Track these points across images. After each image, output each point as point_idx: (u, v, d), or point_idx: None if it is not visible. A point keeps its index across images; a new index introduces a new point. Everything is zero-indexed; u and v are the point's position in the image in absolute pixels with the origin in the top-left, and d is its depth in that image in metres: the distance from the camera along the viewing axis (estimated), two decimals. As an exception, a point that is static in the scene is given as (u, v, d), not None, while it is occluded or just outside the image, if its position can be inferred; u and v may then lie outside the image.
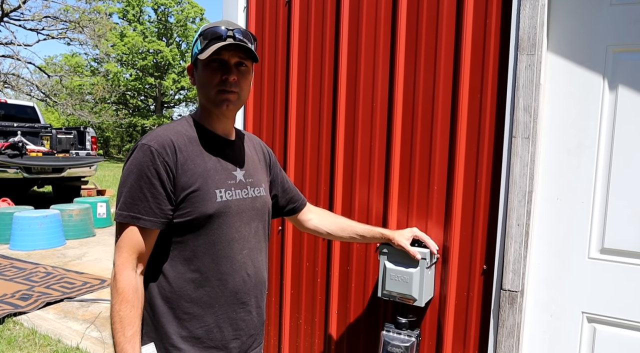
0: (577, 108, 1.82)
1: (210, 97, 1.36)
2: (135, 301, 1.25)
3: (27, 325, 3.93)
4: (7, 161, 8.77)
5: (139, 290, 1.27)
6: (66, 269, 5.62)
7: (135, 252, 1.26)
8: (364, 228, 1.85)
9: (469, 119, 1.92)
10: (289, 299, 2.45)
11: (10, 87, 18.66)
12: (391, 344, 1.96)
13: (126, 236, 1.25)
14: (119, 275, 1.24)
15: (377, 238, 1.86)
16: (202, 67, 1.35)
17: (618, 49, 1.74)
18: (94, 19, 19.40)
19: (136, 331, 1.24)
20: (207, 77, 1.35)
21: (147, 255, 1.30)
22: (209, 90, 1.35)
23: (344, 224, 1.83)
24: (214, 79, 1.34)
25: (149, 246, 1.29)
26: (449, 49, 1.95)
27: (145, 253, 1.28)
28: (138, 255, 1.27)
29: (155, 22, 32.78)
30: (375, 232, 1.85)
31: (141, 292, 1.28)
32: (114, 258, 1.27)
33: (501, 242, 1.87)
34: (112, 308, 1.24)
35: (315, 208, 1.87)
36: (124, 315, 1.22)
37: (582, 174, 1.82)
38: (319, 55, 2.28)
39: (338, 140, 2.23)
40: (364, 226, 1.86)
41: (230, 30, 1.33)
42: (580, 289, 1.84)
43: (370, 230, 1.84)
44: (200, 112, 1.43)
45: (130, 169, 1.27)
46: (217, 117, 1.41)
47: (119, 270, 1.24)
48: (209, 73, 1.34)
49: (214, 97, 1.35)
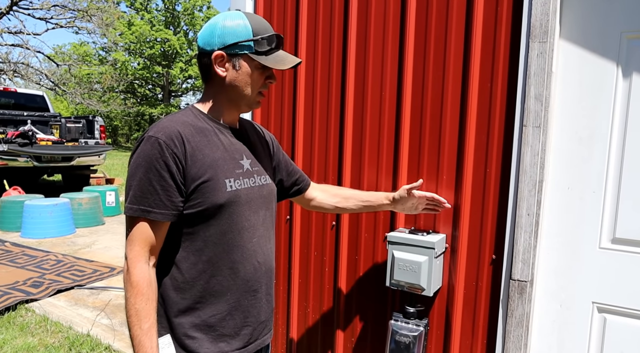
0: (590, 96, 1.79)
1: (250, 97, 1.38)
2: (150, 294, 1.25)
3: (39, 312, 3.99)
4: (18, 150, 8.84)
5: (153, 282, 1.27)
6: (76, 257, 5.69)
7: (147, 245, 1.26)
8: (368, 193, 1.84)
9: (479, 107, 1.89)
10: (297, 288, 2.45)
11: (20, 76, 18.73)
12: (399, 333, 1.97)
13: (137, 230, 1.25)
14: (132, 269, 1.24)
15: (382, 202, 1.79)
16: (255, 68, 1.35)
17: (632, 36, 1.71)
18: (101, 8, 19.38)
19: (152, 323, 1.25)
20: (257, 79, 1.36)
21: (159, 247, 1.30)
22: (251, 91, 1.37)
23: (347, 194, 1.82)
24: (260, 81, 1.37)
25: (160, 238, 1.29)
26: (459, 36, 1.92)
27: (156, 245, 1.28)
28: (150, 247, 1.27)
29: (163, 10, 32.70)
30: (379, 196, 1.80)
31: (155, 284, 1.28)
32: (126, 251, 1.27)
33: (511, 231, 1.85)
34: (127, 301, 1.24)
35: (319, 186, 1.86)
36: (140, 308, 1.23)
37: (594, 163, 1.80)
38: (327, 41, 2.26)
39: (346, 128, 2.22)
40: (367, 192, 1.85)
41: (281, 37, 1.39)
42: (590, 279, 1.83)
43: (373, 195, 1.82)
44: (213, 104, 1.40)
45: (138, 161, 1.26)
46: (234, 112, 1.43)
47: (132, 264, 1.24)
48: (259, 76, 1.36)
49: (254, 98, 1.39)
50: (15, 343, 3.43)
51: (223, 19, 1.33)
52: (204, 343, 1.33)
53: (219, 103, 1.40)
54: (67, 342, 3.45)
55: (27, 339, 3.49)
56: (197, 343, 1.33)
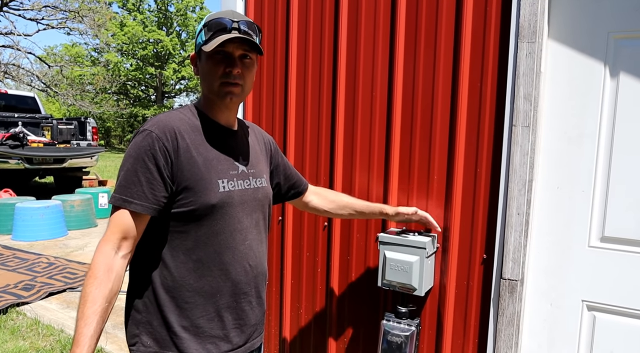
0: (578, 96, 1.80)
1: (214, 89, 1.35)
2: (104, 280, 1.20)
3: (30, 315, 3.96)
4: (8, 152, 8.78)
5: (114, 271, 1.22)
6: (68, 260, 5.65)
7: (119, 233, 1.24)
8: (364, 204, 1.86)
9: (469, 107, 1.90)
10: (290, 289, 2.45)
11: (10, 78, 18.59)
12: (391, 333, 1.97)
13: (115, 217, 1.25)
14: (96, 252, 1.23)
15: (376, 214, 1.87)
16: (206, 58, 1.34)
17: (620, 36, 1.72)
18: (93, 9, 19.28)
19: (95, 310, 1.18)
20: (211, 69, 1.34)
21: (136, 240, 1.28)
22: (212, 82, 1.35)
23: (343, 202, 1.84)
24: (217, 71, 1.33)
25: (139, 230, 1.28)
26: (448, 37, 1.93)
27: (134, 237, 1.27)
28: (123, 236, 1.25)
29: (155, 11, 32.57)
30: (374, 207, 1.86)
31: (117, 274, 1.23)
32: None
33: (501, 231, 1.86)
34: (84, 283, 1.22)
35: (316, 189, 1.87)
36: (88, 291, 1.19)
37: (583, 162, 1.81)
38: (318, 42, 2.26)
39: (338, 128, 2.22)
40: (364, 203, 1.87)
41: (235, 22, 1.32)
42: (580, 277, 1.84)
43: (369, 206, 1.85)
44: (204, 102, 1.43)
45: (129, 153, 1.28)
46: (220, 108, 1.41)
47: (98, 248, 1.24)
48: (213, 65, 1.33)
49: (218, 89, 1.35)
50: (6, 347, 3.40)
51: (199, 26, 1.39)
52: (191, 344, 1.32)
53: (206, 101, 1.42)
54: (59, 345, 3.43)
55: (18, 343, 3.47)
56: (185, 343, 1.32)
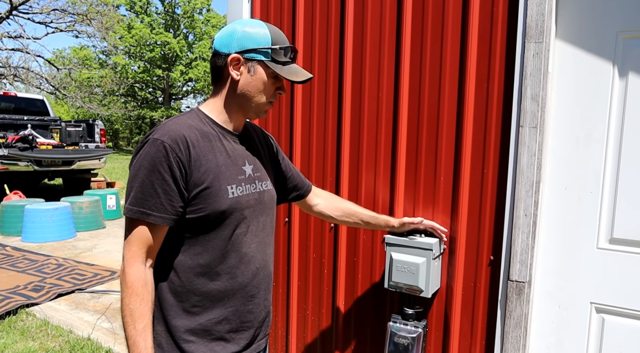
0: (586, 96, 1.79)
1: (260, 105, 1.38)
2: (145, 294, 1.25)
3: (40, 316, 3.99)
4: (18, 154, 8.85)
5: (149, 283, 1.27)
6: (77, 261, 5.68)
7: (144, 247, 1.26)
8: (370, 215, 1.85)
9: (475, 108, 1.89)
10: (296, 290, 2.45)
11: (20, 81, 18.75)
12: (398, 335, 1.96)
13: (136, 231, 1.25)
14: (128, 269, 1.24)
15: (381, 226, 1.88)
16: (269, 76, 1.35)
17: (629, 36, 1.71)
18: (101, 11, 19.40)
19: (147, 324, 1.24)
20: (267, 87, 1.36)
21: (157, 250, 1.30)
22: (261, 98, 1.37)
23: (349, 210, 1.83)
24: (272, 90, 1.38)
25: (158, 241, 1.29)
26: (455, 37, 1.93)
27: (154, 247, 1.28)
28: (147, 249, 1.26)
29: (163, 13, 32.72)
30: (380, 219, 1.86)
31: (151, 285, 1.28)
32: (124, 252, 1.27)
33: (508, 232, 1.85)
34: (122, 301, 1.24)
35: (322, 193, 1.86)
36: (134, 308, 1.23)
37: (591, 163, 1.79)
38: (324, 45, 2.26)
39: (344, 131, 2.22)
40: (370, 213, 1.86)
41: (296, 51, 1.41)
42: (588, 279, 1.83)
43: (375, 218, 1.85)
44: (220, 108, 1.39)
45: (141, 163, 1.24)
46: (241, 117, 1.42)
47: (128, 264, 1.24)
48: (272, 84, 1.37)
49: (263, 106, 1.39)
50: (16, 347, 3.43)
51: (244, 25, 1.34)
52: (199, 347, 1.33)
53: (227, 107, 1.39)
54: (68, 346, 3.45)
55: (27, 343, 3.49)
56: (193, 346, 1.32)
